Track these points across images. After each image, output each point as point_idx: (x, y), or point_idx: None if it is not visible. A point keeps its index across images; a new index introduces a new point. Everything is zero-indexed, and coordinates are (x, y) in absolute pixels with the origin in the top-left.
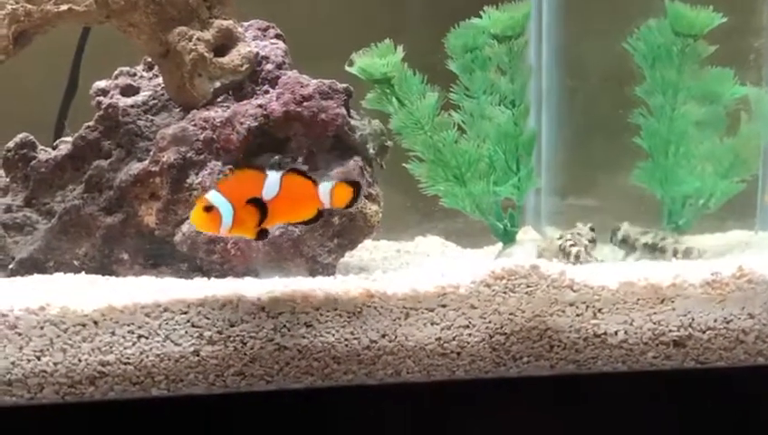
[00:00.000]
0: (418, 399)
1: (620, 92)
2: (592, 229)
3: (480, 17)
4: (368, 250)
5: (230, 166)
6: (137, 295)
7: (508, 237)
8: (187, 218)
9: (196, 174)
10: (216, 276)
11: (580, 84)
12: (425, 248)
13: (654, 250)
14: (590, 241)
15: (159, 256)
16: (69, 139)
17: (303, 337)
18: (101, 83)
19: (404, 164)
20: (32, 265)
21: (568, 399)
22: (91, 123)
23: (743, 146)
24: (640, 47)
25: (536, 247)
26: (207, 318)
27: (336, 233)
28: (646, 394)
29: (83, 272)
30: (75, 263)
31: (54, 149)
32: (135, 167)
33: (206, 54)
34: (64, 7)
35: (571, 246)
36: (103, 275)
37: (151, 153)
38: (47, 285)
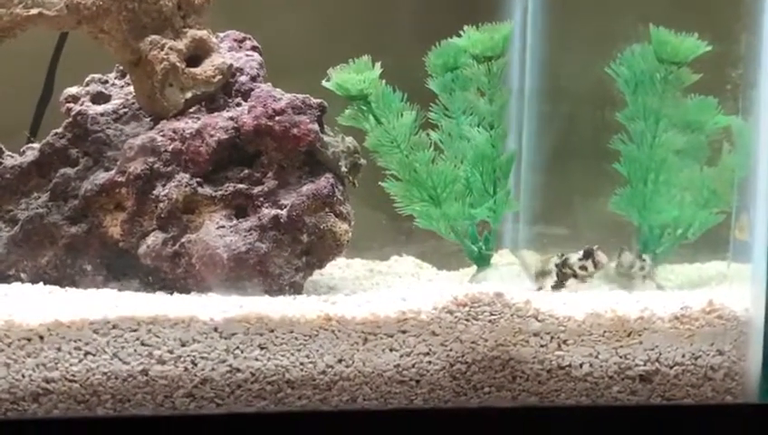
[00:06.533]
0: (374, 427)
1: (602, 117)
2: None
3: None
4: (340, 268)
5: (198, 179)
6: (86, 311)
7: (483, 261)
8: (153, 230)
9: (163, 186)
10: (180, 291)
11: (561, 108)
12: (398, 269)
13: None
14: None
15: (123, 267)
16: (36, 145)
17: (257, 359)
18: (72, 90)
19: (380, 183)
20: None
21: (529, 432)
22: (59, 130)
23: (723, 177)
24: (623, 72)
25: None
26: (158, 337)
27: (304, 251)
28: (609, 430)
29: (42, 282)
30: (22, 275)
31: (21, 154)
32: (101, 176)
33: (177, 64)
34: (34, 11)
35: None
36: (64, 285)
37: (118, 163)
38: (1, 294)
